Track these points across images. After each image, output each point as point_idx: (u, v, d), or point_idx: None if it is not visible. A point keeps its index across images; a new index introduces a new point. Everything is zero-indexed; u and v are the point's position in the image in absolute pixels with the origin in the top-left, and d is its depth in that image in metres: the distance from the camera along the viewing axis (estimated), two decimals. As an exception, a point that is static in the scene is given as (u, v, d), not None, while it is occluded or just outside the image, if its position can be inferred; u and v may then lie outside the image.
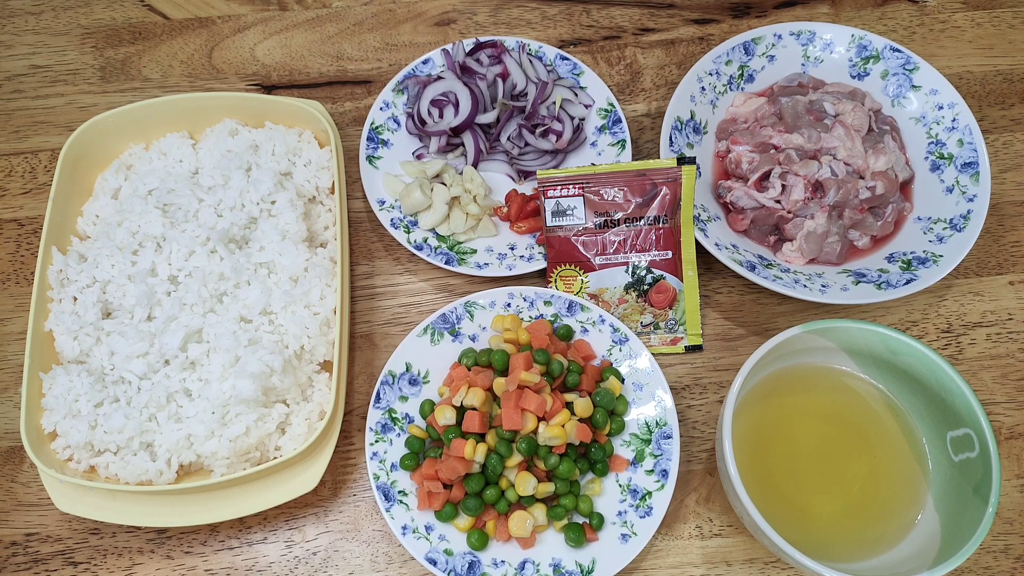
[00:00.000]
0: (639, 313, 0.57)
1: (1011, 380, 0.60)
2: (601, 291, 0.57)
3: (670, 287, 0.57)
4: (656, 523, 0.52)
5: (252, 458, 0.54)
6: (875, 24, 0.74)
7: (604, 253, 0.57)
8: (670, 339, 0.58)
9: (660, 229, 0.57)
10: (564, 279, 0.57)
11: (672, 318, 0.58)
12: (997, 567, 0.54)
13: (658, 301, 0.57)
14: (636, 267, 0.57)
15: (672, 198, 0.56)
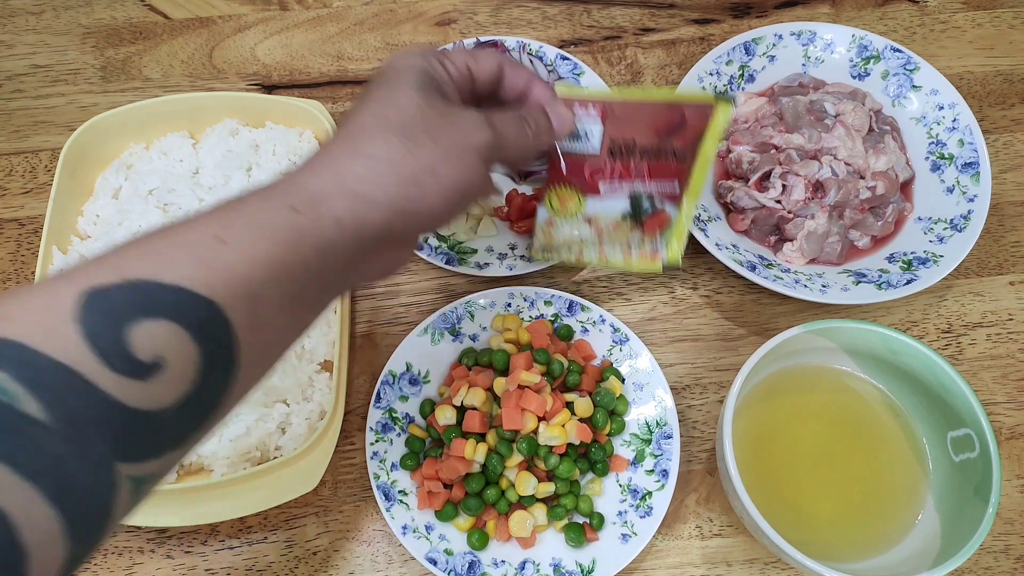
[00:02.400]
0: (627, 233, 0.52)
1: (1011, 380, 0.60)
2: (597, 215, 0.51)
3: (667, 216, 0.52)
4: (656, 523, 0.52)
5: (252, 458, 0.54)
6: (876, 24, 0.74)
7: (611, 180, 0.50)
8: (651, 255, 0.53)
9: (677, 162, 0.49)
10: (560, 198, 0.50)
11: (659, 238, 0.53)
12: (997, 567, 0.54)
13: (651, 227, 0.52)
14: (639, 196, 0.51)
15: (697, 133, 0.48)
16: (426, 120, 0.36)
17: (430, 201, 0.35)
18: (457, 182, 0.36)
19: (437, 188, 0.35)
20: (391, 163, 0.34)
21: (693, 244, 0.64)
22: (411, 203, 0.35)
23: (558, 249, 0.54)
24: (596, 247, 0.53)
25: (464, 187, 0.37)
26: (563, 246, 0.53)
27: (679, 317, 0.62)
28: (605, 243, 0.53)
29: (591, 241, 0.53)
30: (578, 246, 0.53)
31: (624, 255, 0.53)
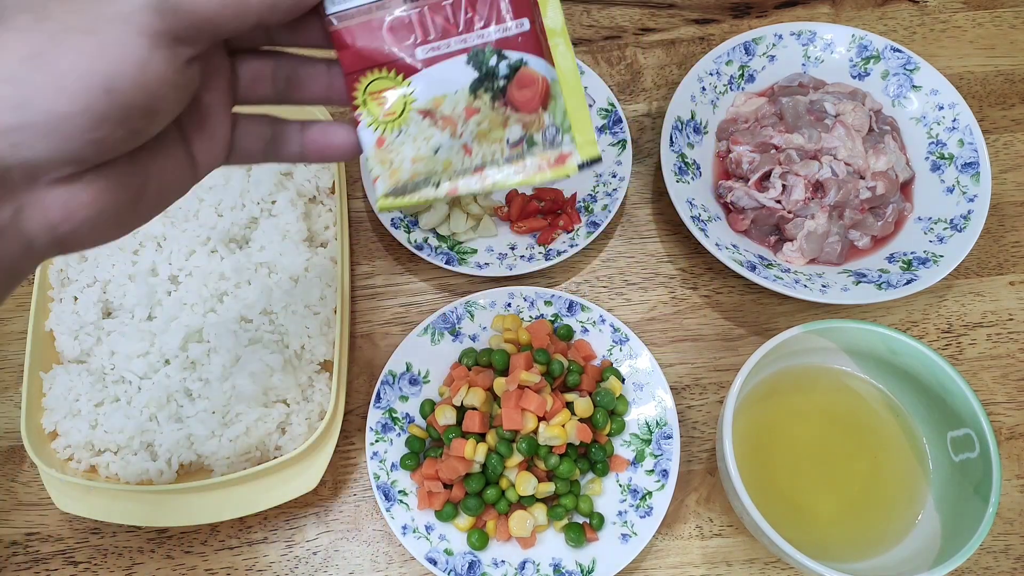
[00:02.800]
0: (501, 127, 0.34)
1: (1011, 380, 0.60)
2: (437, 103, 0.34)
3: (537, 75, 0.35)
4: (656, 523, 0.52)
5: (252, 458, 0.54)
6: (875, 24, 0.74)
7: (427, 40, 0.34)
8: (554, 157, 0.35)
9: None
10: (376, 96, 0.33)
11: (550, 124, 0.35)
12: (997, 567, 0.54)
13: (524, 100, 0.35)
14: (480, 52, 0.34)
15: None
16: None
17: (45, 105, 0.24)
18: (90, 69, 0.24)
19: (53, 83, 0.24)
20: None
21: (693, 244, 0.64)
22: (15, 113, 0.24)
23: (415, 185, 0.35)
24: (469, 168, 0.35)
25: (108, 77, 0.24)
26: (419, 177, 0.35)
27: (679, 317, 0.62)
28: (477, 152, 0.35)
29: (457, 157, 0.35)
30: (442, 172, 0.35)
31: (517, 171, 0.35)
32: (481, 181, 0.35)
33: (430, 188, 0.35)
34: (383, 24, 0.33)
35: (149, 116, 0.26)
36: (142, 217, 0.29)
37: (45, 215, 0.26)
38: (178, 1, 0.25)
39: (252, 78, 0.32)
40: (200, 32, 0.27)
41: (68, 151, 0.25)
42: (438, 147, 0.34)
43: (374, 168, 0.34)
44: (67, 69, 0.24)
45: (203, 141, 0.31)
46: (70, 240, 0.27)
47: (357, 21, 0.33)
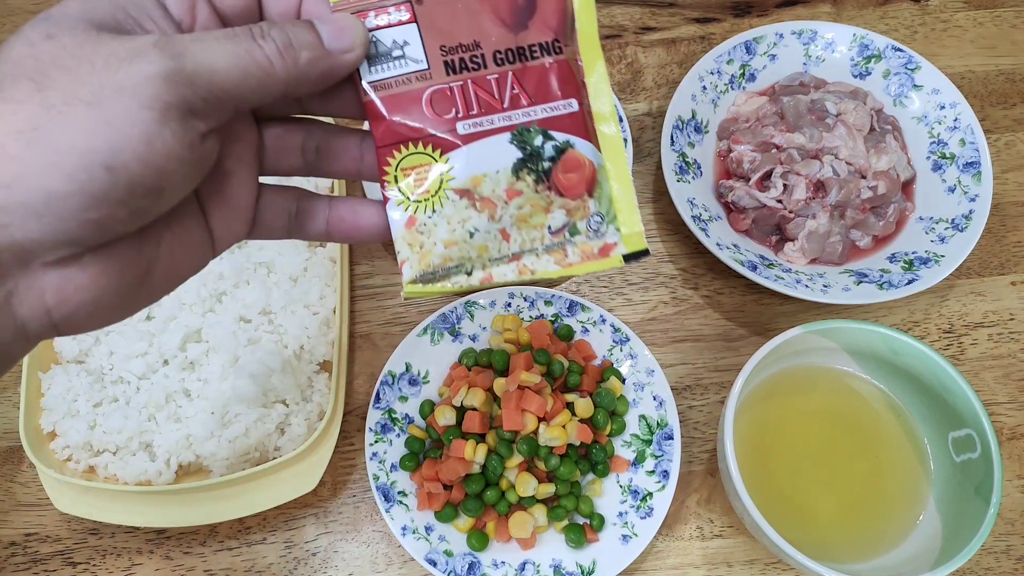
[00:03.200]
0: (543, 212, 0.32)
1: (1013, 380, 0.60)
2: (476, 182, 0.31)
3: (584, 159, 0.33)
4: (657, 524, 0.52)
5: (251, 458, 0.54)
6: (877, 23, 0.74)
7: (469, 115, 0.31)
8: (597, 248, 0.33)
9: (554, 63, 0.32)
10: (410, 172, 0.30)
11: (595, 212, 0.33)
12: (999, 568, 0.54)
13: (569, 185, 0.33)
14: (526, 131, 0.32)
15: (560, 11, 0.32)
16: (37, 61, 0.23)
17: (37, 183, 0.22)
18: (89, 145, 0.22)
19: (45, 159, 0.22)
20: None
21: (693, 244, 0.64)
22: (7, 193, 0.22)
23: (446, 271, 0.32)
24: (505, 251, 0.32)
25: (109, 153, 0.22)
26: (451, 263, 0.31)
27: (680, 317, 0.62)
28: (516, 238, 0.32)
29: (493, 243, 0.32)
30: (476, 258, 0.32)
31: (558, 261, 0.33)
32: (518, 270, 0.32)
33: (462, 275, 0.32)
34: (422, 96, 0.31)
35: (155, 195, 0.24)
36: (149, 298, 0.27)
37: (39, 299, 0.24)
38: (195, 72, 0.23)
39: (280, 148, 0.30)
40: (219, 104, 0.24)
41: (63, 232, 0.22)
42: (474, 231, 0.31)
43: (402, 251, 0.31)
44: (64, 144, 0.22)
45: (223, 215, 0.28)
46: (66, 324, 0.25)
47: (394, 91, 0.30)
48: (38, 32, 0.23)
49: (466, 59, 0.31)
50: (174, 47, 0.23)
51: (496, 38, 0.31)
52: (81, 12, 0.24)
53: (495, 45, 0.31)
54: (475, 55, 0.31)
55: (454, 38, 0.31)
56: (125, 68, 0.22)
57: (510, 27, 0.31)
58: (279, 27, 0.26)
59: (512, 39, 0.31)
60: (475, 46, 0.31)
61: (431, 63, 0.30)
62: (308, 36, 0.26)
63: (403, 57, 0.30)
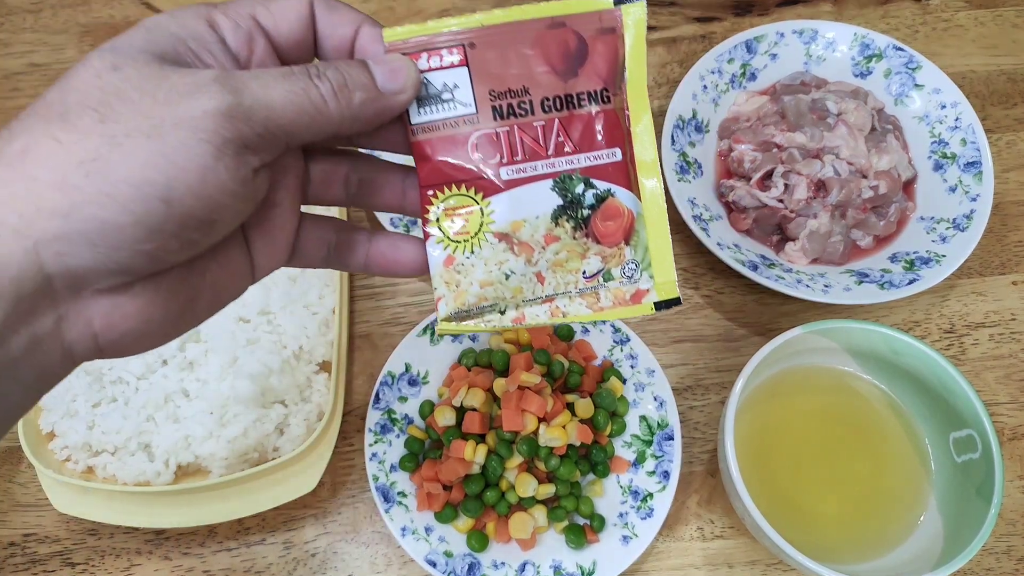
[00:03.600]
0: (579, 258, 0.33)
1: (1014, 381, 0.60)
2: (515, 227, 0.32)
3: (623, 208, 0.33)
4: (657, 525, 0.52)
5: (250, 459, 0.54)
6: (878, 23, 0.74)
7: (514, 160, 0.31)
8: (630, 294, 0.34)
9: (600, 112, 0.32)
10: (452, 212, 0.31)
11: (631, 259, 0.33)
12: (1000, 568, 0.54)
13: (607, 233, 0.33)
14: (568, 178, 0.32)
15: (611, 59, 0.32)
16: (102, 92, 0.23)
17: (94, 213, 0.22)
18: (147, 178, 0.22)
19: (104, 190, 0.22)
20: (24, 161, 0.22)
21: (694, 243, 0.64)
22: (63, 221, 0.22)
23: (480, 310, 0.32)
24: (540, 297, 0.33)
25: (167, 185, 0.22)
26: (486, 303, 0.32)
27: (680, 317, 0.62)
28: (551, 281, 0.33)
29: (528, 284, 0.32)
30: (511, 298, 0.32)
31: (590, 305, 0.34)
32: (550, 312, 0.33)
33: (495, 314, 0.33)
34: (469, 139, 0.31)
35: (207, 227, 0.24)
36: (190, 324, 0.28)
37: (88, 324, 0.24)
38: (252, 108, 0.24)
39: (324, 179, 0.30)
40: (273, 141, 0.25)
41: (116, 262, 0.23)
42: (510, 273, 0.32)
43: (439, 288, 0.31)
44: (122, 176, 0.22)
45: (265, 244, 0.29)
46: (111, 349, 0.25)
47: (441, 133, 0.31)
48: (104, 63, 0.24)
49: (514, 105, 0.31)
50: (234, 83, 0.24)
51: (545, 85, 0.31)
52: (145, 43, 0.24)
53: (544, 92, 0.31)
54: (523, 101, 0.31)
55: (504, 83, 0.31)
56: (186, 102, 0.23)
57: (560, 74, 0.32)
58: (334, 67, 0.26)
59: (561, 86, 0.32)
60: (524, 92, 0.31)
61: (479, 107, 0.31)
62: (362, 77, 0.27)
63: (452, 100, 0.31)
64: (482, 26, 0.31)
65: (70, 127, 0.22)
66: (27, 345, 0.23)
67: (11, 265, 0.21)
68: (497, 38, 0.31)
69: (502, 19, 0.31)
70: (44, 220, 0.22)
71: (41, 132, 0.22)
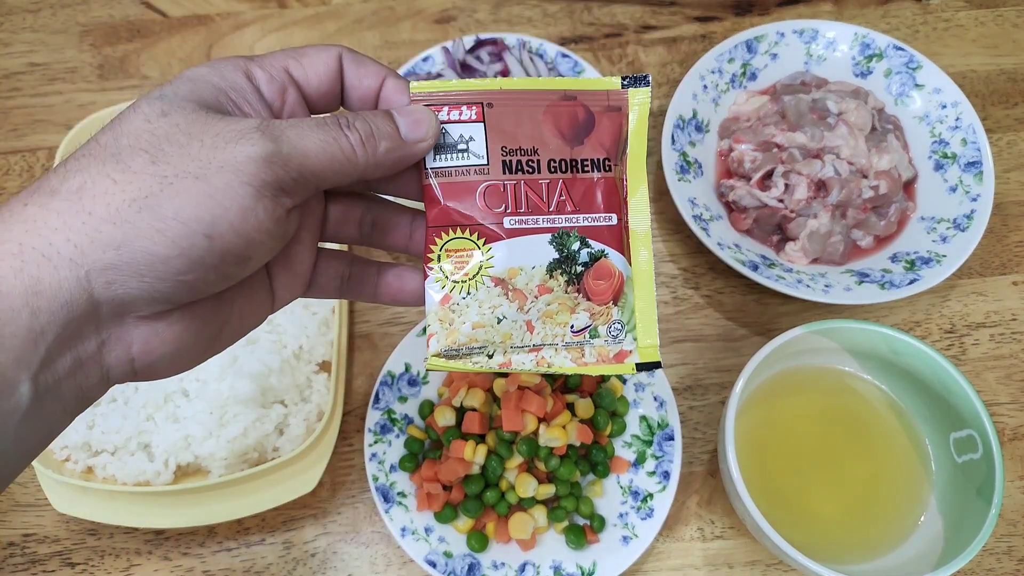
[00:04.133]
0: (569, 312, 0.34)
1: (1015, 381, 0.60)
2: (512, 274, 0.34)
3: (615, 269, 0.35)
4: (657, 525, 0.51)
5: (250, 459, 0.54)
6: (878, 22, 0.74)
7: (518, 212, 0.34)
8: (613, 353, 0.35)
9: (602, 179, 0.35)
10: (453, 255, 0.33)
11: (616, 320, 0.35)
12: (1000, 569, 0.54)
13: (598, 291, 0.35)
14: (565, 235, 0.34)
15: (615, 134, 0.35)
16: (153, 136, 0.25)
17: (143, 246, 0.24)
18: (194, 215, 0.24)
19: (154, 226, 0.24)
20: (81, 197, 0.24)
21: (694, 243, 0.64)
22: (114, 252, 0.24)
23: (469, 350, 0.34)
24: (527, 341, 0.34)
25: (211, 223, 0.25)
26: (475, 344, 0.34)
27: (681, 317, 0.62)
28: (539, 332, 0.34)
29: (518, 331, 0.34)
30: (499, 343, 0.34)
31: (575, 359, 0.35)
32: (536, 361, 0.35)
33: (483, 357, 0.34)
34: (477, 188, 0.33)
35: (243, 262, 0.27)
36: (215, 351, 0.30)
37: (127, 349, 0.26)
38: (289, 155, 0.26)
39: (341, 219, 0.33)
40: (305, 184, 0.27)
41: (160, 291, 0.25)
42: (502, 317, 0.34)
43: (432, 324, 0.33)
44: (171, 213, 0.24)
45: (286, 278, 0.31)
46: (145, 372, 0.27)
47: (453, 180, 0.33)
48: (154, 109, 0.26)
49: (523, 162, 0.34)
50: (273, 131, 0.26)
51: (553, 148, 0.34)
52: (189, 93, 0.27)
53: (551, 154, 0.34)
54: (532, 160, 0.34)
55: (515, 142, 0.34)
56: (231, 147, 0.25)
57: (567, 140, 0.34)
58: (362, 119, 0.29)
59: (568, 151, 0.34)
60: (533, 152, 0.34)
61: (491, 160, 0.33)
62: (388, 127, 0.29)
63: (467, 151, 0.33)
64: (500, 89, 0.34)
65: (123, 167, 0.25)
66: (71, 367, 0.25)
67: (64, 291, 0.24)
68: (513, 101, 0.34)
69: (520, 86, 0.34)
70: (97, 251, 0.24)
71: (96, 171, 0.25)
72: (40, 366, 0.24)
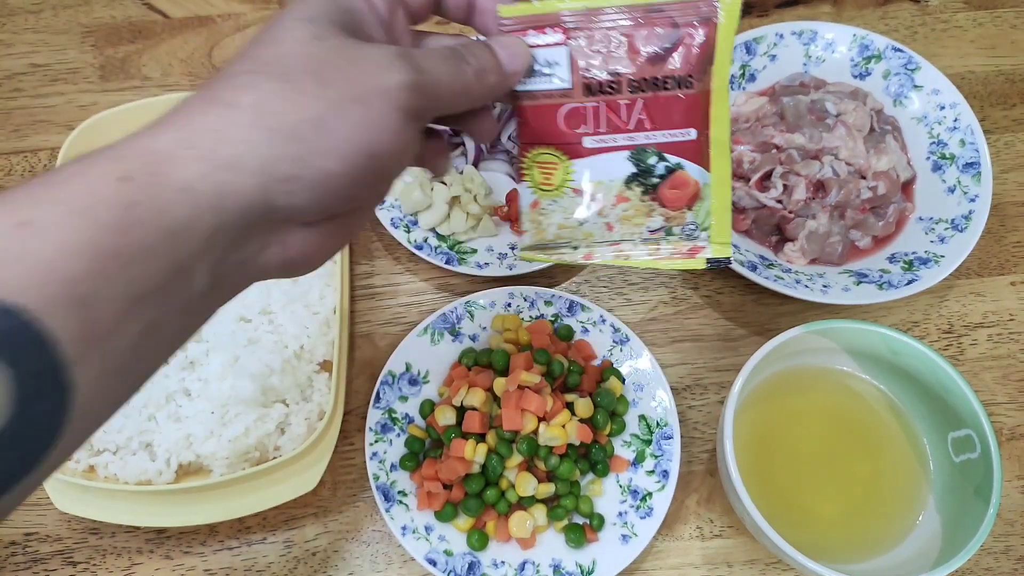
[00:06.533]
0: (644, 216, 0.37)
1: (1012, 381, 0.60)
2: (593, 187, 0.37)
3: (691, 179, 0.37)
4: (657, 524, 0.52)
5: (251, 458, 0.54)
6: (877, 24, 0.74)
7: (598, 132, 0.36)
8: (687, 248, 0.38)
9: (682, 95, 0.36)
10: (541, 166, 0.37)
11: (691, 221, 0.38)
12: (998, 568, 0.54)
13: (672, 199, 0.37)
14: (643, 151, 0.37)
15: (702, 49, 0.35)
16: (314, 59, 0.28)
17: (320, 163, 0.27)
18: (359, 137, 0.28)
19: (328, 145, 0.27)
20: (260, 113, 0.27)
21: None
22: (293, 166, 0.27)
23: (556, 245, 0.39)
24: (607, 240, 0.38)
25: (371, 144, 0.28)
26: (562, 240, 0.38)
27: (680, 317, 0.62)
28: (617, 230, 0.38)
29: (598, 230, 0.38)
30: (581, 238, 0.38)
31: (651, 253, 0.38)
32: (616, 253, 0.38)
33: (568, 249, 0.38)
34: (561, 110, 0.36)
35: (391, 179, 0.31)
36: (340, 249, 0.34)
37: (284, 251, 0.29)
38: (427, 83, 0.29)
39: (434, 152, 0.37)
40: (435, 111, 0.31)
41: (325, 203, 0.28)
42: (584, 220, 0.37)
43: (525, 223, 0.38)
44: (342, 135, 0.27)
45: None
46: (289, 269, 0.31)
47: (539, 102, 0.36)
48: (306, 32, 0.28)
49: (604, 84, 0.36)
50: (414, 62, 0.29)
51: (634, 69, 0.35)
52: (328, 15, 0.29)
53: (632, 74, 0.35)
54: (613, 82, 0.36)
55: (597, 63, 0.35)
56: (383, 75, 0.28)
57: (650, 58, 0.35)
58: (473, 53, 0.32)
59: (649, 70, 0.35)
60: (615, 73, 0.35)
61: (574, 84, 0.35)
62: (491, 60, 0.33)
63: (552, 75, 0.35)
64: (586, 9, 0.35)
65: (295, 87, 0.27)
66: (239, 262, 0.28)
67: (245, 196, 0.26)
68: (597, 21, 0.35)
69: (605, 3, 0.35)
70: (278, 165, 0.26)
71: (268, 89, 0.27)
72: (217, 260, 0.27)
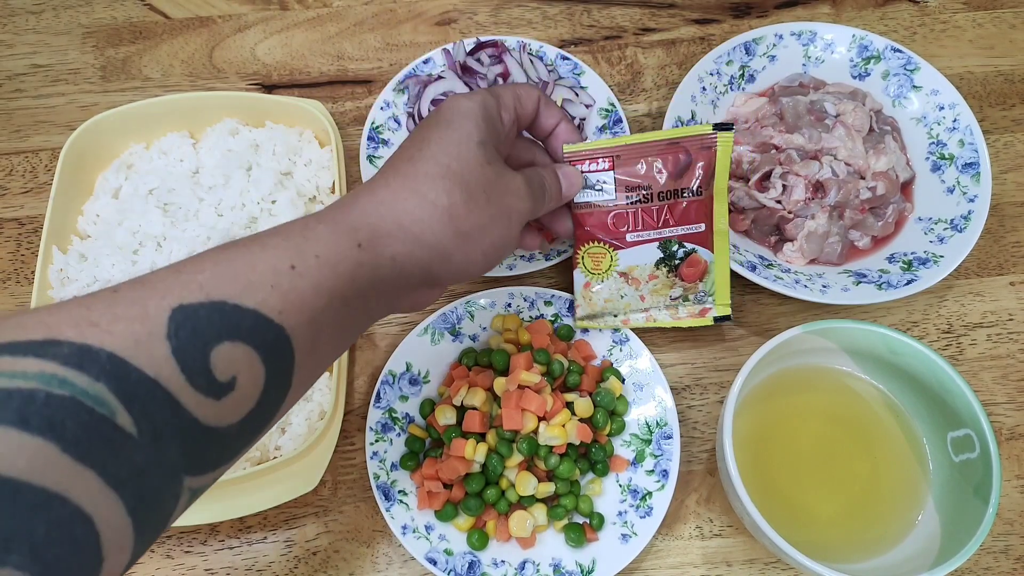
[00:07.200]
0: (669, 288, 0.54)
1: (1012, 381, 0.60)
2: (631, 268, 0.53)
3: (701, 260, 0.53)
4: (656, 523, 0.52)
5: (252, 458, 0.54)
6: (876, 24, 0.74)
7: (636, 229, 0.52)
8: (698, 310, 0.55)
9: (694, 201, 0.52)
10: (593, 257, 0.53)
11: (702, 290, 0.54)
12: (997, 568, 0.54)
13: (689, 275, 0.54)
14: (668, 242, 0.53)
15: (707, 168, 0.51)
16: (486, 180, 0.40)
17: (474, 255, 0.40)
18: (499, 242, 0.41)
19: (483, 245, 0.40)
20: (452, 216, 0.38)
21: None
22: (457, 253, 0.39)
23: (602, 314, 0.56)
24: (640, 308, 0.55)
25: (502, 247, 0.42)
26: (606, 310, 0.55)
27: (679, 317, 0.62)
28: (648, 300, 0.55)
29: (634, 301, 0.55)
30: (621, 309, 0.55)
31: (672, 315, 0.55)
32: (646, 317, 0.56)
33: (610, 317, 0.56)
34: (608, 215, 0.52)
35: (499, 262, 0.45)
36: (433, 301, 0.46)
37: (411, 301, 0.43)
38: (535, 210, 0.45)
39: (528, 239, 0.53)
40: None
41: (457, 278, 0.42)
42: (624, 295, 0.55)
43: (579, 299, 0.56)
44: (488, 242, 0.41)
45: None
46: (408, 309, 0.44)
47: (591, 210, 0.52)
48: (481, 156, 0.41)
49: (640, 196, 0.52)
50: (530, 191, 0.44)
51: (661, 182, 0.52)
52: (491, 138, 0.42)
53: (659, 187, 0.52)
54: (647, 194, 0.52)
55: (635, 181, 0.51)
56: (519, 202, 0.43)
57: (672, 176, 0.51)
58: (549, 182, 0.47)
59: (672, 184, 0.52)
60: (647, 187, 0.52)
61: (617, 196, 0.52)
62: (557, 187, 0.48)
63: (601, 191, 0.51)
64: (625, 144, 0.51)
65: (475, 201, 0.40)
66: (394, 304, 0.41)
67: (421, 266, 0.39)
68: (634, 151, 0.51)
69: (639, 140, 0.51)
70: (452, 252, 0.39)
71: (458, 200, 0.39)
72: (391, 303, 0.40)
